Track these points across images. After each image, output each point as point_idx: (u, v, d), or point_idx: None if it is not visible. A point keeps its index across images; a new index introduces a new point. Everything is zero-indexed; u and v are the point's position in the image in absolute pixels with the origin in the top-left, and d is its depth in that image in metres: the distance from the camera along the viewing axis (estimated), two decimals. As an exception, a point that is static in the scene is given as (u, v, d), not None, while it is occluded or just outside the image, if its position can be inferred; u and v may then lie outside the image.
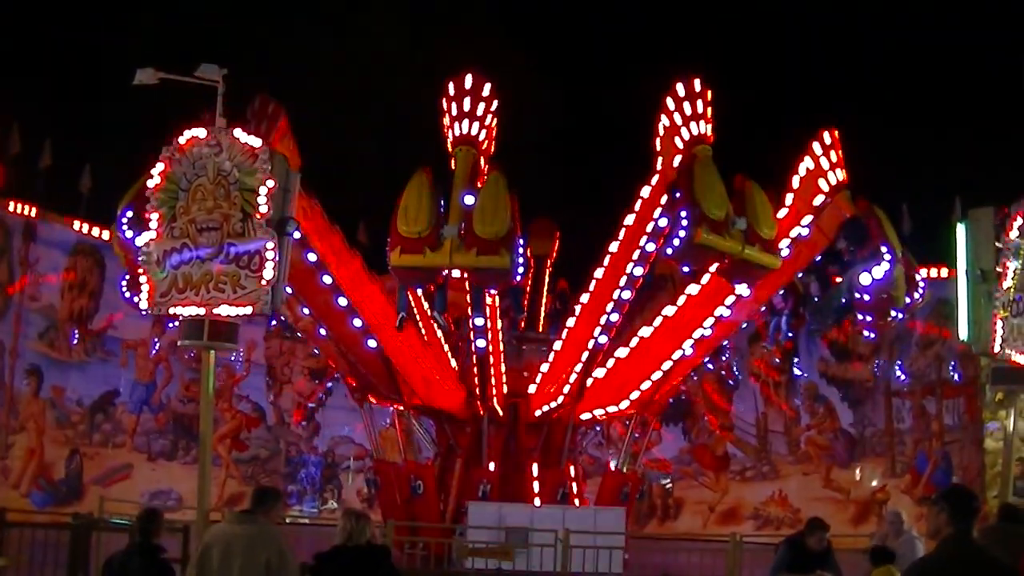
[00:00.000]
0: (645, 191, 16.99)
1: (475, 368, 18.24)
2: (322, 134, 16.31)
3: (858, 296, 16.90)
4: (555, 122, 30.91)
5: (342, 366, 19.04)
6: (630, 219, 17.16)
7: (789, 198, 17.26)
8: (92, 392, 26.59)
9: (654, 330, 17.96)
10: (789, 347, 23.93)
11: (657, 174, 16.72)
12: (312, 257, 15.77)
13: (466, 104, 16.38)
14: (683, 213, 15.05)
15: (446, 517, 18.13)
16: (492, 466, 18.23)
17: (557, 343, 18.56)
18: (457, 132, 16.29)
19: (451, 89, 16.58)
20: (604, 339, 17.43)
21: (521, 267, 15.99)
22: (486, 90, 16.57)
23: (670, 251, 15.60)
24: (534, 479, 18.35)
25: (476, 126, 16.31)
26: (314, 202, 16.32)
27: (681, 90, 16.09)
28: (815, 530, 10.88)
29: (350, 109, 28.55)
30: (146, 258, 11.15)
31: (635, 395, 18.50)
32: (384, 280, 17.96)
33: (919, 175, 26.03)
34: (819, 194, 17.20)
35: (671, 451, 28.40)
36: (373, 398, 19.62)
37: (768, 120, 29.26)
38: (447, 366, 19.12)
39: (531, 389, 18.63)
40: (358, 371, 18.75)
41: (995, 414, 22.37)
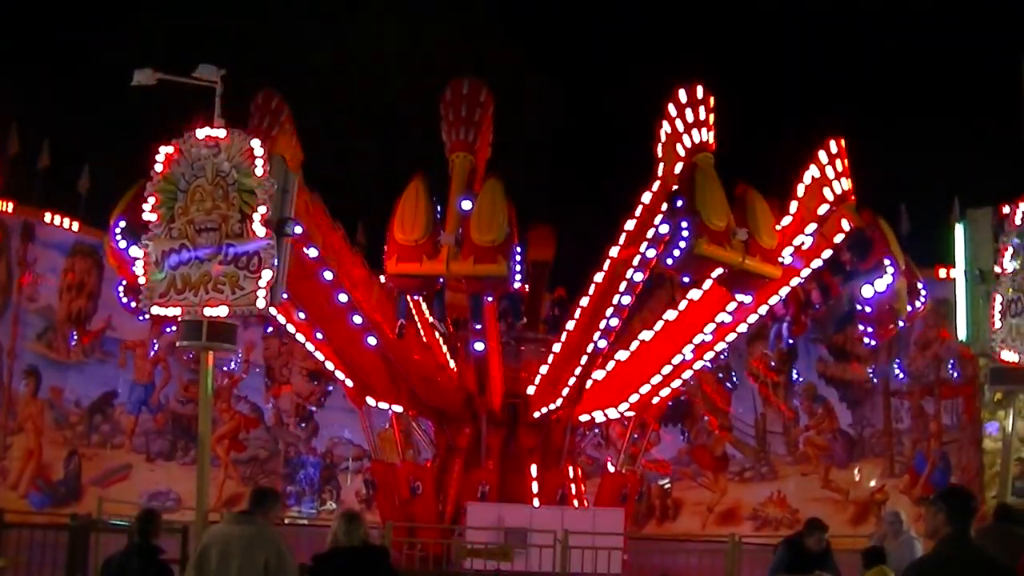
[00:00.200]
0: (646, 197, 16.89)
1: (474, 369, 18.21)
2: (321, 134, 16.28)
3: (860, 308, 16.83)
4: (555, 122, 30.93)
5: (340, 368, 18.98)
6: (630, 224, 17.10)
7: (793, 206, 17.16)
8: (90, 393, 26.59)
9: (655, 334, 17.94)
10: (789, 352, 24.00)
11: (658, 180, 16.63)
12: (313, 253, 15.74)
13: (463, 110, 16.32)
14: (683, 223, 14.95)
15: (445, 518, 18.11)
16: (491, 467, 18.22)
17: (556, 344, 18.52)
18: (455, 138, 16.22)
19: (448, 94, 16.51)
20: (604, 343, 17.38)
21: (519, 274, 15.92)
22: (482, 95, 16.52)
23: (670, 261, 15.51)
24: (533, 480, 18.33)
25: (473, 132, 16.25)
26: (316, 197, 16.30)
27: (683, 96, 15.96)
28: (814, 531, 10.85)
29: (349, 109, 28.55)
30: (144, 259, 11.14)
31: (634, 398, 18.48)
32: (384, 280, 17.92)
33: (918, 175, 26.03)
34: (824, 203, 17.10)
35: (670, 452, 28.41)
36: (372, 398, 19.59)
37: (768, 120, 29.33)
38: (446, 367, 19.10)
39: (530, 390, 18.60)
40: (356, 373, 18.71)
41: (994, 414, 22.39)
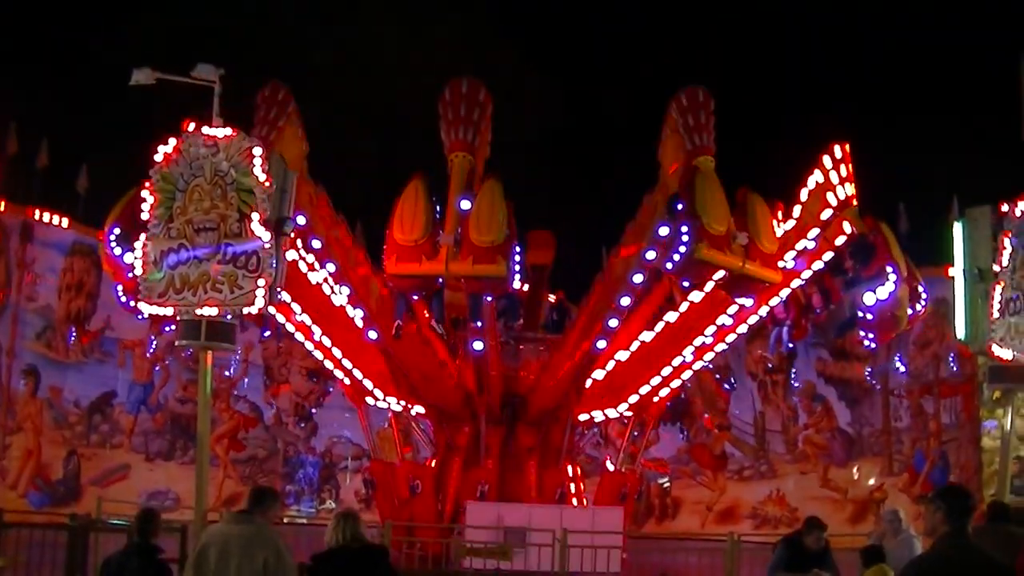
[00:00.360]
0: (647, 199, 16.87)
1: (473, 368, 18.21)
2: (321, 134, 16.27)
3: (861, 315, 16.80)
4: (554, 122, 30.92)
5: (338, 367, 18.97)
6: (631, 226, 17.08)
7: (796, 210, 17.15)
8: (90, 392, 26.58)
9: (655, 335, 17.93)
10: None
11: (659, 184, 16.61)
12: (317, 244, 15.71)
13: (462, 110, 16.30)
14: (684, 228, 14.93)
15: (444, 517, 18.11)
16: (490, 466, 18.21)
17: (556, 344, 18.52)
18: (454, 138, 16.21)
19: (447, 94, 16.50)
20: (603, 344, 17.37)
21: (518, 274, 15.92)
22: (481, 95, 16.50)
23: (670, 265, 15.50)
24: (532, 479, 18.34)
25: (472, 132, 16.24)
26: (320, 190, 16.27)
27: (684, 100, 15.94)
28: (813, 529, 10.86)
29: (349, 109, 28.52)
30: (142, 261, 11.13)
31: (634, 399, 18.49)
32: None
33: (917, 174, 26.04)
34: (827, 208, 17.10)
35: (669, 451, 28.42)
36: (371, 398, 19.58)
37: (768, 119, 29.33)
38: (446, 366, 19.08)
39: (529, 389, 18.60)
40: (357, 370, 18.70)
41: (992, 413, 22.38)
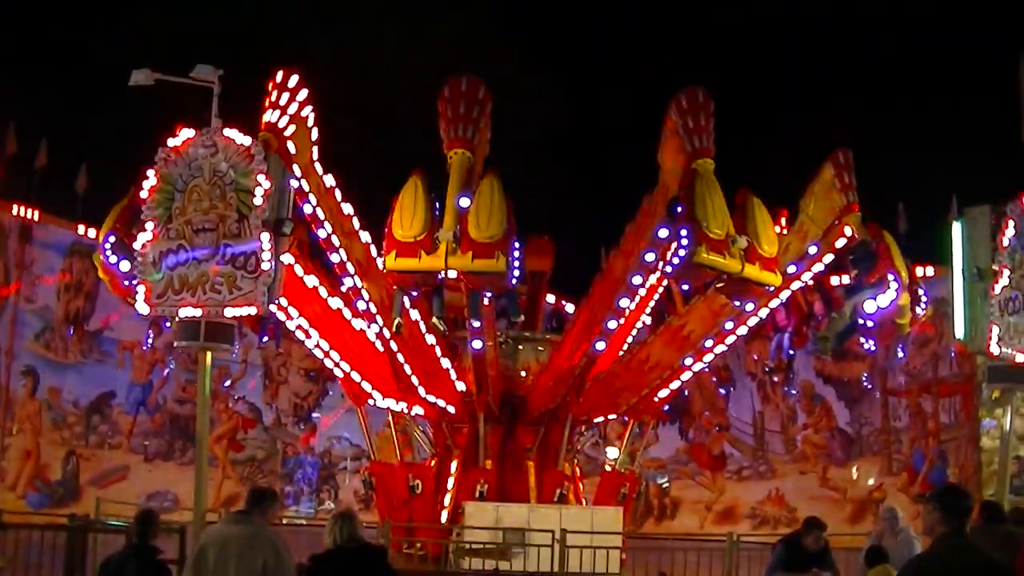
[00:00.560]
0: (646, 201, 16.83)
1: (472, 367, 18.20)
2: (320, 134, 16.26)
3: (862, 323, 16.80)
4: (554, 122, 30.90)
5: (337, 365, 18.95)
6: (630, 228, 17.06)
7: (799, 217, 17.12)
8: (88, 393, 26.58)
9: (656, 337, 17.93)
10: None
11: (658, 186, 16.58)
12: (322, 234, 15.71)
13: (461, 107, 16.31)
14: (683, 231, 14.92)
15: (443, 517, 18.11)
16: (489, 466, 18.22)
17: (555, 344, 18.52)
18: (453, 134, 16.22)
19: (447, 92, 16.51)
20: (602, 345, 17.37)
21: (517, 270, 15.91)
22: (481, 93, 16.51)
23: (669, 269, 15.49)
24: (531, 479, 18.34)
25: (471, 129, 16.25)
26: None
27: (684, 102, 15.91)
28: (812, 529, 10.88)
29: (348, 109, 28.51)
30: (140, 262, 11.14)
31: (634, 400, 18.49)
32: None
33: (916, 174, 26.05)
34: (829, 215, 16.94)
35: (668, 450, 28.44)
36: (371, 398, 19.58)
37: (768, 119, 29.31)
38: (449, 362, 19.07)
39: (528, 389, 18.60)
40: (356, 367, 18.69)
41: (991, 412, 22.40)
